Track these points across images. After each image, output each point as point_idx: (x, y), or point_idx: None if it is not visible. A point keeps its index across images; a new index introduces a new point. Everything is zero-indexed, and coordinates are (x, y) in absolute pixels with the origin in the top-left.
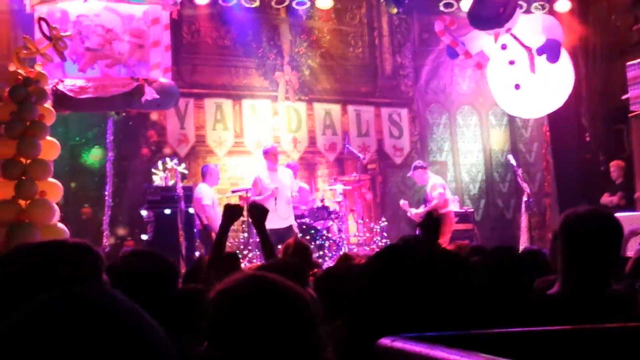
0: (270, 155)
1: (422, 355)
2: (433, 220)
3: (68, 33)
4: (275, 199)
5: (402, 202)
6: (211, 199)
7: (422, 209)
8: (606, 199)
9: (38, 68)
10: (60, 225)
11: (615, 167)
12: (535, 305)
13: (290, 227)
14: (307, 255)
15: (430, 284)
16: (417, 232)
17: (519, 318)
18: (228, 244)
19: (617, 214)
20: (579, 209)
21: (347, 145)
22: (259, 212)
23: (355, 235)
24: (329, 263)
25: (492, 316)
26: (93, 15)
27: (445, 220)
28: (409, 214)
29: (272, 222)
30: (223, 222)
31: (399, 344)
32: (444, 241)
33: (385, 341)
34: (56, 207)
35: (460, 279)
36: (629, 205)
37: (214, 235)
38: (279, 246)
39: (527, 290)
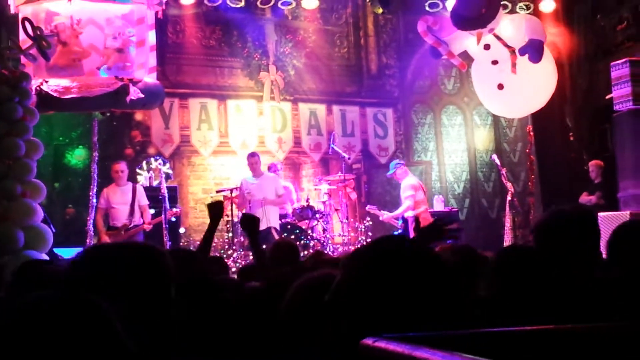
0: (248, 163)
1: (404, 355)
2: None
3: (51, 33)
4: (249, 203)
5: (368, 207)
6: None
7: (393, 213)
8: (584, 198)
9: (22, 68)
10: (43, 225)
11: (593, 166)
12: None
13: (268, 229)
14: (295, 255)
15: (403, 284)
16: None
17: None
18: (212, 244)
19: (599, 214)
20: (557, 209)
21: (332, 145)
22: (250, 223)
23: (340, 234)
24: None
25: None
26: (76, 15)
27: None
28: (381, 217)
29: None
30: (210, 221)
31: (381, 344)
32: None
33: (368, 341)
34: (38, 208)
35: (433, 279)
36: (610, 205)
37: None
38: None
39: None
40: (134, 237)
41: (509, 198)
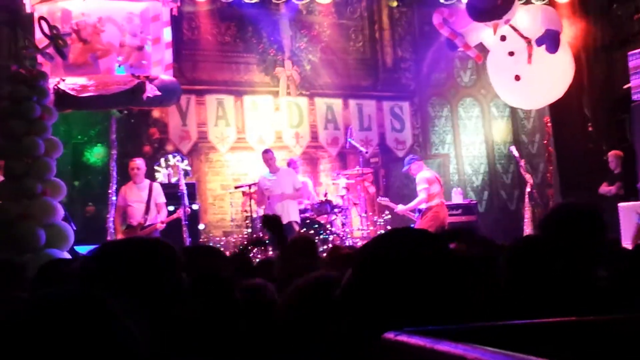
0: (263, 160)
1: (426, 349)
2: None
3: (68, 32)
4: (268, 199)
5: (379, 199)
6: None
7: (407, 206)
8: (604, 188)
9: (39, 67)
10: (64, 223)
11: (613, 157)
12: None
13: (289, 224)
14: (313, 250)
15: (416, 279)
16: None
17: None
18: (232, 239)
19: (619, 204)
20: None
21: (349, 139)
22: (272, 223)
23: (359, 229)
24: None
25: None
26: (92, 13)
27: (426, 213)
28: (396, 209)
29: None
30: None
31: (403, 338)
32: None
33: (389, 335)
34: (59, 206)
35: (447, 273)
36: (630, 195)
37: None
38: None
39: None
40: (150, 236)
41: (527, 190)
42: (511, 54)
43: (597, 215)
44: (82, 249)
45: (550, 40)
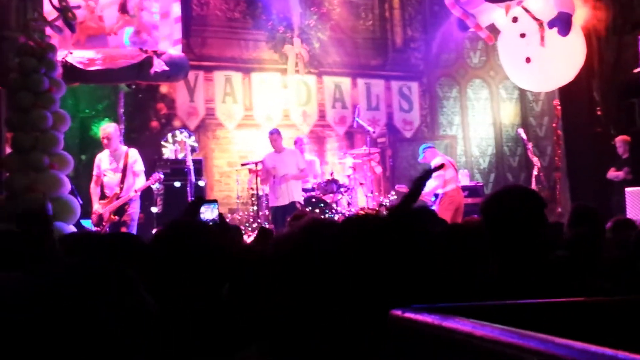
0: (269, 140)
1: (434, 325)
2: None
3: (77, 4)
4: (274, 178)
5: (397, 187)
6: None
7: (425, 190)
8: (612, 173)
9: (47, 40)
10: (71, 197)
11: (621, 142)
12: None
13: (292, 204)
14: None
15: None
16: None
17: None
18: (237, 216)
19: (626, 189)
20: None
21: (356, 119)
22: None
23: (365, 208)
24: None
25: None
26: None
27: (445, 199)
28: None
29: (272, 201)
30: None
31: (410, 315)
32: (447, 217)
33: (397, 312)
34: (66, 179)
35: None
36: (638, 180)
37: None
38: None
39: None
40: (128, 205)
41: (535, 173)
42: (522, 35)
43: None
44: (88, 223)
45: (563, 23)
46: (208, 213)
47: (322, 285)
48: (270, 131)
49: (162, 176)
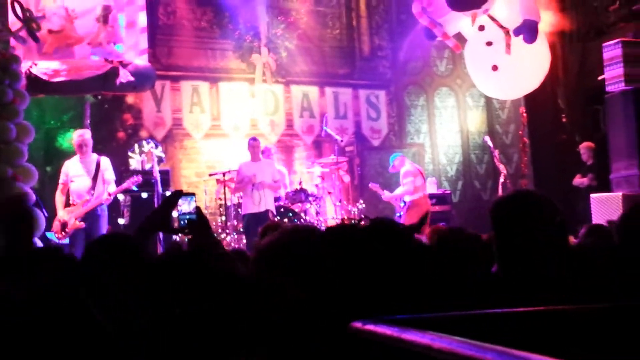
0: (249, 147)
1: (393, 337)
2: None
3: (42, 15)
4: (253, 185)
5: (371, 185)
6: None
7: (393, 193)
8: (577, 180)
9: (11, 50)
10: (35, 209)
11: (584, 149)
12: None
13: (266, 212)
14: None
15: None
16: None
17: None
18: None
19: (591, 195)
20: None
21: (324, 128)
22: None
23: (334, 217)
24: None
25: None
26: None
27: (413, 206)
28: (382, 196)
29: (248, 208)
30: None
31: (370, 327)
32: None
33: (357, 324)
34: (30, 192)
35: (402, 260)
36: (603, 186)
37: None
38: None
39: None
40: (94, 212)
41: (501, 180)
42: (489, 44)
43: (551, 203)
44: (54, 236)
45: (528, 31)
46: (185, 206)
47: (307, 289)
48: (252, 138)
49: (140, 179)
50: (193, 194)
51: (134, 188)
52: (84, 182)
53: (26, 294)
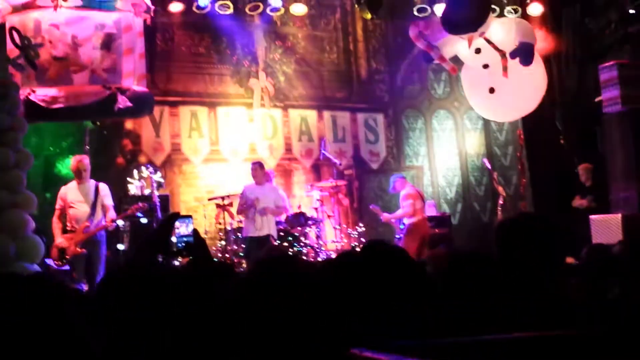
0: (252, 171)
1: None
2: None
3: (40, 42)
4: (255, 209)
5: (371, 207)
6: None
7: (392, 214)
8: (577, 202)
9: (10, 78)
10: (35, 236)
11: (583, 170)
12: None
13: (267, 237)
14: None
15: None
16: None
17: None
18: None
19: (591, 217)
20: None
21: (323, 151)
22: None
23: (333, 241)
24: None
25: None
26: (64, 24)
27: (412, 229)
28: (382, 218)
29: (249, 231)
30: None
31: (368, 354)
32: (413, 247)
33: (355, 351)
34: (30, 218)
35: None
36: (602, 208)
37: None
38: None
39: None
40: (94, 238)
41: (500, 202)
42: (485, 66)
43: (557, 227)
44: (52, 262)
45: (524, 54)
46: (183, 228)
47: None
48: (257, 162)
49: (146, 205)
50: (190, 217)
51: (139, 214)
52: (83, 209)
53: None
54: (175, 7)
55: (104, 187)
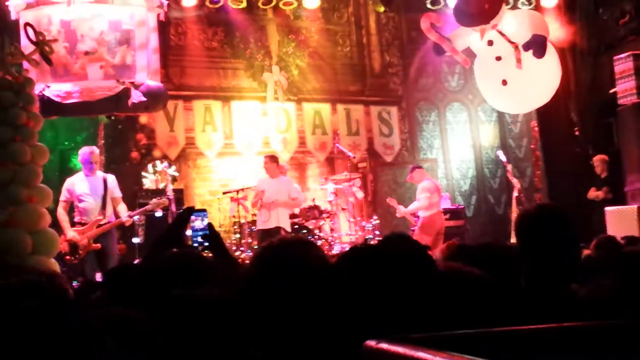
0: (264, 164)
1: (407, 357)
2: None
3: (54, 38)
4: (261, 201)
5: (388, 199)
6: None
7: (408, 209)
8: (592, 193)
9: (25, 73)
10: (51, 230)
11: (598, 162)
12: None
13: (277, 229)
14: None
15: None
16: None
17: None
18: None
19: (606, 208)
20: (531, 207)
21: (337, 145)
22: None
23: (348, 234)
24: None
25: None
26: (77, 20)
27: (427, 223)
28: (397, 212)
29: (259, 224)
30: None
31: (384, 346)
32: (427, 241)
33: (371, 343)
34: (46, 212)
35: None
36: (618, 199)
37: None
38: None
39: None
40: (107, 233)
41: (515, 194)
42: (498, 58)
43: (571, 220)
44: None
45: (537, 45)
46: (198, 222)
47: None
48: (270, 156)
49: (165, 200)
50: (204, 210)
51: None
52: (94, 202)
53: None
54: (189, 2)
55: (112, 179)
